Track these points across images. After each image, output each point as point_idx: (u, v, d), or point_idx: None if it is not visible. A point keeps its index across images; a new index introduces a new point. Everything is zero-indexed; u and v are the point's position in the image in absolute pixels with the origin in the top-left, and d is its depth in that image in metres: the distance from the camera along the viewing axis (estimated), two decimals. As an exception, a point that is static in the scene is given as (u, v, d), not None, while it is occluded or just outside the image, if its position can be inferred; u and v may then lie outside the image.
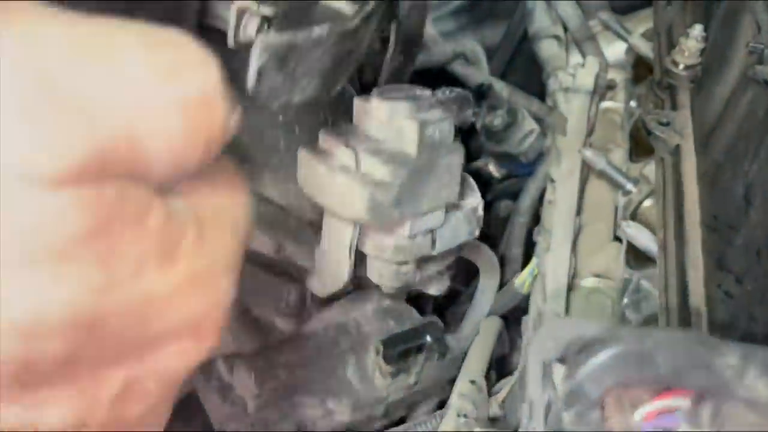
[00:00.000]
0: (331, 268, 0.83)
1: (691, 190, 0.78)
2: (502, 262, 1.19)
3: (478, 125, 1.30)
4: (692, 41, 0.89)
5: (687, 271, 0.70)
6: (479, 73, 1.37)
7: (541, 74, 1.35)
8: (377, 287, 0.87)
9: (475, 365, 0.89)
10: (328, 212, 0.81)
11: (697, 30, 0.89)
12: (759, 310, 0.55)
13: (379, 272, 0.83)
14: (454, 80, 1.40)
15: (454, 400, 0.80)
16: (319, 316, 0.94)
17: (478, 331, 1.00)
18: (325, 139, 0.79)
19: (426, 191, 0.78)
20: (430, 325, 0.93)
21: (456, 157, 0.79)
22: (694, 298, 0.67)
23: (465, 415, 0.76)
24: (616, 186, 1.09)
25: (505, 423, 0.83)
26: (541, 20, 1.34)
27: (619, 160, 1.18)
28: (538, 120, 1.31)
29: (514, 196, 1.34)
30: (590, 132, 1.23)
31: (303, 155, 0.79)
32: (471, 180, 0.88)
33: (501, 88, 1.36)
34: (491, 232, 1.32)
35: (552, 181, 1.13)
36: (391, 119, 0.76)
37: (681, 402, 0.41)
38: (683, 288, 0.69)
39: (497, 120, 1.31)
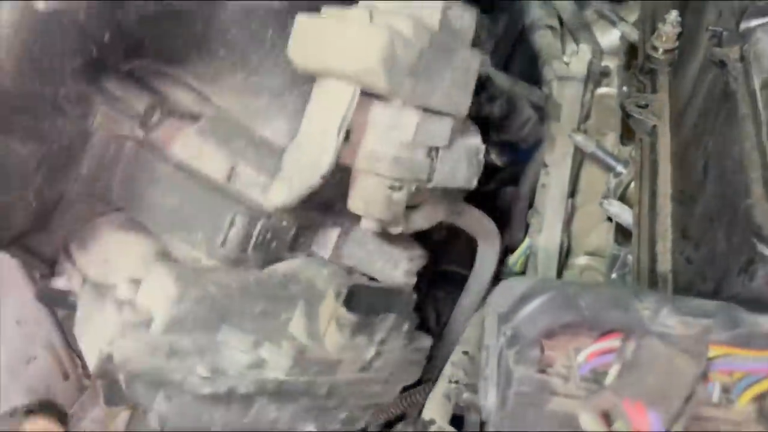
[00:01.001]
0: (311, 154, 0.67)
1: (665, 167, 0.83)
2: (507, 250, 1.23)
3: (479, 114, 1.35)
4: (669, 26, 0.94)
5: (657, 242, 0.75)
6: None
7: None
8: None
9: (470, 338, 0.94)
10: (326, 76, 0.68)
11: (673, 15, 0.93)
12: (709, 270, 0.60)
13: (366, 197, 0.68)
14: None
15: (447, 368, 0.85)
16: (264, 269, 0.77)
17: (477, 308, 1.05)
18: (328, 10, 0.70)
19: (440, 81, 0.70)
20: (404, 293, 0.83)
21: (474, 60, 0.75)
22: (661, 265, 0.72)
23: (456, 381, 0.82)
24: (607, 168, 1.14)
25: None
26: (535, 11, 1.38)
27: (611, 144, 1.23)
28: (539, 108, 1.35)
29: (518, 182, 1.39)
30: (585, 118, 1.27)
31: (302, 21, 0.69)
32: (472, 123, 0.82)
33: (502, 78, 1.41)
34: (498, 220, 1.36)
35: (545, 165, 1.18)
36: None
37: (616, 343, 0.46)
38: (653, 257, 0.74)
39: (496, 109, 1.36)
